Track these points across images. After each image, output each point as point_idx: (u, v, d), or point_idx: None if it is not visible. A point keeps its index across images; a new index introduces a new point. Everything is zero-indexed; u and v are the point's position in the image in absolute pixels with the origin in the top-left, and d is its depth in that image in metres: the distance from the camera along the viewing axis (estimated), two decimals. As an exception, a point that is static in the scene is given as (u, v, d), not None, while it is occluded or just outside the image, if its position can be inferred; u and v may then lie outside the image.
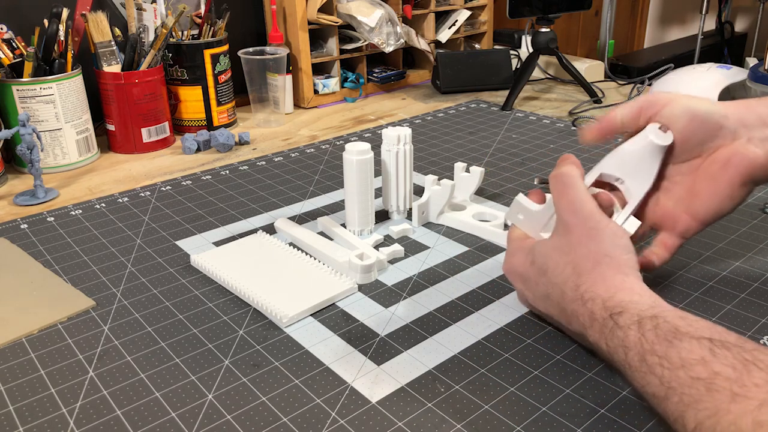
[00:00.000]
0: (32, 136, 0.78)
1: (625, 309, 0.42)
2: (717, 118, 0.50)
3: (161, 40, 0.94)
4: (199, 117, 1.05)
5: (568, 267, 0.47)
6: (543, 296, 0.50)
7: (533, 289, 0.51)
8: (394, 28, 1.17)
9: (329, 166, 0.89)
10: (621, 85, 1.28)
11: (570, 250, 0.47)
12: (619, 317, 0.42)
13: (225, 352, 0.50)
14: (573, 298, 0.46)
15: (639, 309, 0.41)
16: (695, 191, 0.52)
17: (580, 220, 0.47)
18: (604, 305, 0.43)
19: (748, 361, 0.34)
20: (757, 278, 0.59)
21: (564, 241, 0.48)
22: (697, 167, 0.52)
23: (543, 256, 0.49)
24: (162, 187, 0.83)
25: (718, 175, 0.50)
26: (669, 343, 0.38)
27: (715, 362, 0.35)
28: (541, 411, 0.44)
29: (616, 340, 0.41)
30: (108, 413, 0.44)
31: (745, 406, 0.32)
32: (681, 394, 0.35)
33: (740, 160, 0.49)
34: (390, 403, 0.45)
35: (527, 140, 0.97)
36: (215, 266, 0.61)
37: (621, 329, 0.41)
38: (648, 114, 0.52)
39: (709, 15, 2.01)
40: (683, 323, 0.39)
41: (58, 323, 0.55)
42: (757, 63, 0.93)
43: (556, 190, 0.50)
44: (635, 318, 0.41)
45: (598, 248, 0.46)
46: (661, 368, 0.37)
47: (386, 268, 0.62)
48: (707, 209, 0.51)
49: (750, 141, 0.49)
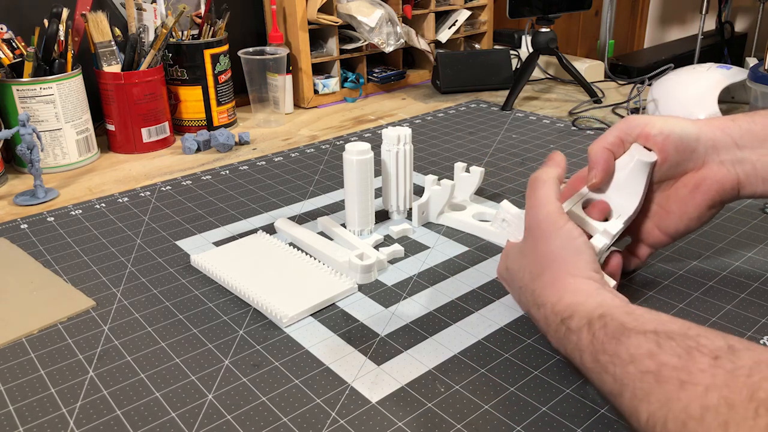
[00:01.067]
0: (32, 136, 0.78)
1: (575, 312, 0.43)
2: (690, 141, 0.52)
3: (161, 40, 0.94)
4: (199, 117, 1.05)
5: (525, 272, 0.49)
6: (517, 299, 0.52)
7: (511, 291, 0.53)
8: (394, 28, 1.17)
9: (329, 166, 0.89)
10: (621, 85, 1.28)
11: (528, 253, 0.49)
12: (570, 321, 0.43)
13: (225, 352, 0.50)
14: (531, 303, 0.48)
15: (587, 311, 0.42)
16: (667, 210, 0.55)
17: (537, 221, 0.49)
18: (554, 310, 0.45)
19: (692, 347, 0.35)
20: (757, 278, 0.59)
21: (525, 242, 0.50)
22: (669, 187, 0.54)
23: (512, 259, 0.52)
24: (162, 187, 0.83)
25: (688, 198, 0.53)
26: (617, 341, 0.38)
27: (661, 354, 0.36)
28: (541, 411, 0.44)
29: (570, 344, 0.42)
30: (108, 413, 0.44)
31: (692, 393, 0.33)
32: (633, 389, 0.36)
33: (709, 185, 0.52)
34: (390, 403, 0.45)
35: (527, 140, 0.97)
36: (215, 266, 0.61)
37: (573, 333, 0.42)
38: (629, 139, 0.54)
39: (709, 15, 2.01)
40: (629, 319, 0.40)
41: (58, 323, 0.55)
42: (757, 63, 0.93)
43: (527, 192, 0.51)
44: (584, 320, 0.42)
45: (546, 250, 0.47)
46: (612, 366, 0.38)
47: (386, 268, 0.62)
48: (677, 227, 0.55)
49: (721, 164, 0.52)
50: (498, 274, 0.56)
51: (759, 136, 0.52)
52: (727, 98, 1.09)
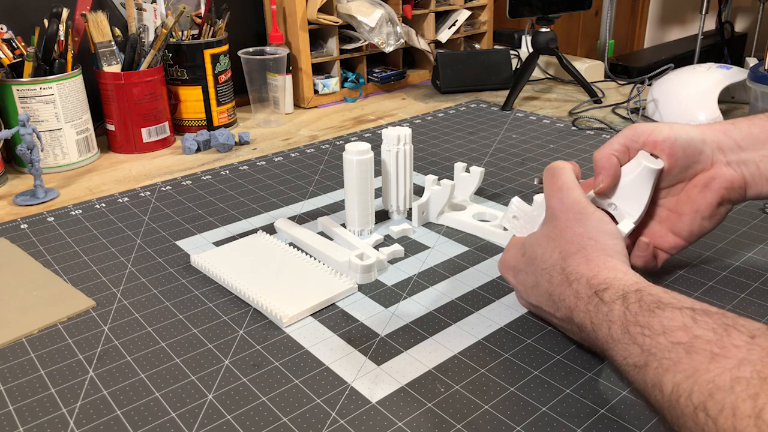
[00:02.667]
0: (32, 136, 0.78)
1: (610, 285, 0.43)
2: (696, 144, 0.53)
3: (161, 40, 0.94)
4: (199, 117, 1.05)
5: (555, 252, 0.48)
6: (533, 286, 0.50)
7: (524, 281, 0.52)
8: (394, 28, 1.17)
9: (329, 166, 0.89)
10: (621, 85, 1.28)
11: (556, 236, 0.49)
12: (603, 293, 0.42)
13: (225, 352, 0.50)
14: (560, 281, 0.47)
15: (622, 285, 0.42)
16: (679, 213, 0.56)
17: (566, 205, 0.49)
18: (589, 283, 0.44)
19: (729, 325, 0.35)
20: (757, 278, 0.59)
21: (551, 227, 0.50)
22: (679, 191, 0.56)
23: (532, 245, 0.51)
24: (162, 187, 0.83)
25: (698, 197, 0.54)
26: (651, 313, 0.38)
27: (695, 327, 0.36)
28: (541, 411, 0.44)
29: (600, 315, 0.42)
30: (108, 413, 0.44)
31: (723, 365, 0.32)
32: (660, 359, 0.36)
33: (719, 183, 0.53)
34: (390, 403, 0.45)
35: (527, 140, 0.97)
36: (215, 266, 0.61)
37: (606, 304, 0.42)
38: (635, 147, 0.55)
39: (709, 15, 2.00)
40: (667, 296, 0.40)
41: (58, 323, 0.55)
42: (757, 63, 0.93)
43: (546, 179, 0.52)
44: (620, 293, 0.42)
45: (583, 231, 0.48)
46: (642, 336, 0.38)
47: (386, 268, 0.62)
48: (690, 228, 0.55)
49: (728, 164, 0.54)
50: (502, 266, 0.55)
51: (759, 138, 0.53)
52: (727, 98, 1.09)
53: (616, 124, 1.02)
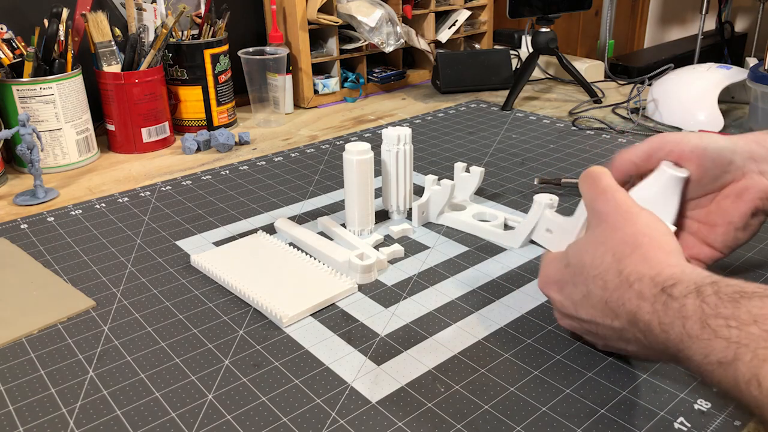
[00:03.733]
0: (32, 136, 0.78)
1: (679, 280, 0.40)
2: (727, 153, 0.51)
3: (161, 40, 0.94)
4: (199, 117, 1.05)
5: (607, 255, 0.45)
6: (583, 297, 0.46)
7: (571, 294, 0.47)
8: (394, 28, 1.17)
9: (329, 166, 0.89)
10: (621, 85, 1.28)
11: (606, 239, 0.46)
12: (672, 289, 0.40)
13: (225, 352, 0.50)
14: (617, 285, 0.43)
15: (693, 279, 0.39)
16: (711, 224, 0.54)
17: (612, 207, 0.46)
18: (653, 281, 0.41)
19: None
20: (757, 278, 0.59)
21: (599, 231, 0.47)
22: (709, 202, 0.54)
23: (578, 254, 0.47)
24: (162, 187, 0.83)
25: (731, 209, 0.52)
26: (736, 303, 0.36)
27: None
28: (541, 411, 0.44)
29: (671, 313, 0.39)
30: (108, 413, 0.44)
31: None
32: (755, 349, 0.33)
33: (753, 193, 0.51)
34: (390, 403, 0.45)
35: (527, 140, 0.97)
36: (215, 266, 0.61)
37: (676, 300, 0.39)
38: (659, 155, 0.53)
39: (709, 15, 2.01)
40: (748, 286, 0.37)
41: (58, 323, 0.55)
42: (757, 63, 0.93)
43: (586, 185, 0.49)
44: (692, 287, 0.39)
45: (635, 230, 0.45)
46: (728, 329, 0.35)
47: (386, 268, 0.62)
48: (724, 240, 0.53)
49: (762, 174, 0.52)
50: (544, 283, 0.50)
51: None
52: (727, 98, 1.09)
53: (616, 124, 1.02)
